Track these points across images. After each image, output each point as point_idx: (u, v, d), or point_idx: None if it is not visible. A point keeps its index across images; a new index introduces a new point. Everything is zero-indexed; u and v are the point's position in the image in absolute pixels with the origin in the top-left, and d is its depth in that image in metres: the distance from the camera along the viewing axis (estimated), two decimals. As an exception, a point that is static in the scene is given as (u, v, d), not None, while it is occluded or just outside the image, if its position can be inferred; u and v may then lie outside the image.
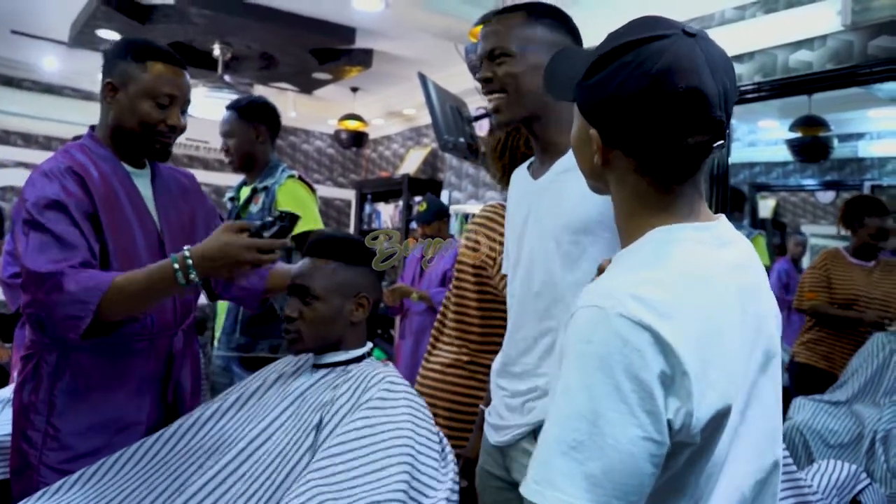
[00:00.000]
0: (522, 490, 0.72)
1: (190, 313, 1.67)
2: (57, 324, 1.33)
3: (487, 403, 1.50)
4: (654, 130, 0.79)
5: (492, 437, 1.40)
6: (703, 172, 0.85)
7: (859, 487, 2.11)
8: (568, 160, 1.27)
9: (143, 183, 1.59)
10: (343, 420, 1.26)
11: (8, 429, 1.57)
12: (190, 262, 1.33)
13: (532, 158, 1.45)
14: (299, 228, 2.39)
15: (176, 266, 1.33)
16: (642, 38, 0.79)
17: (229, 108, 2.54)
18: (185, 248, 1.36)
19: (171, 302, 1.57)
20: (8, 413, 1.70)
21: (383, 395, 1.28)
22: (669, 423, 0.70)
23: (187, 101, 1.57)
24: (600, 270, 0.99)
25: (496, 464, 1.39)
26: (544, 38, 1.31)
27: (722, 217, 0.88)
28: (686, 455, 0.74)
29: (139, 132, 1.52)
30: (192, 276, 1.34)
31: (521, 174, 1.46)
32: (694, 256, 0.80)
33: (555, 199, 1.29)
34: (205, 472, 1.30)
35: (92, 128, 1.59)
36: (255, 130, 2.50)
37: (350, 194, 7.09)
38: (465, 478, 1.53)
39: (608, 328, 0.71)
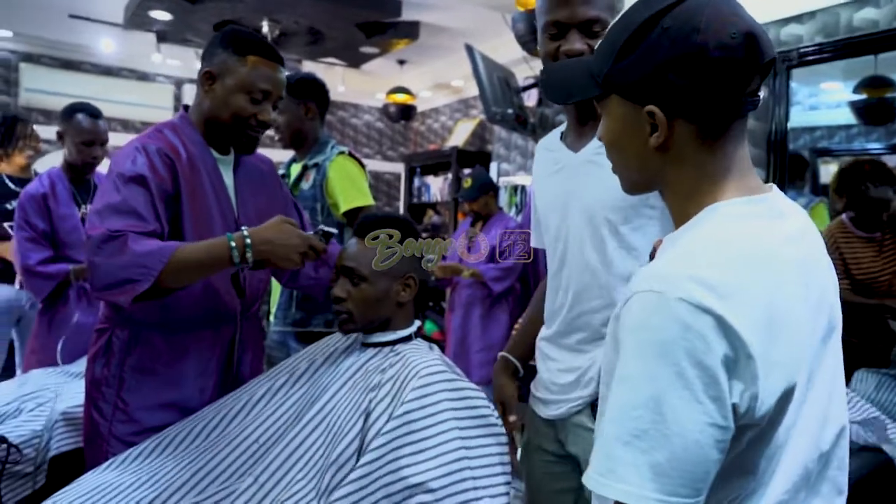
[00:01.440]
0: (585, 482, 0.72)
1: (256, 301, 1.70)
2: (110, 285, 1.32)
3: (513, 353, 1.51)
4: (718, 83, 0.75)
5: (542, 411, 1.40)
6: (746, 137, 0.82)
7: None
8: None
9: (225, 169, 1.62)
10: (384, 413, 1.26)
11: (80, 399, 1.66)
12: (248, 241, 1.35)
13: (563, 128, 1.42)
14: (351, 204, 2.43)
15: (232, 244, 1.34)
16: (669, 4, 0.76)
17: (279, 85, 2.55)
18: (244, 227, 1.38)
19: (237, 290, 1.60)
20: (80, 385, 1.78)
21: (422, 393, 1.27)
22: (734, 407, 0.68)
23: (280, 97, 1.58)
24: (653, 250, 0.97)
25: (547, 438, 1.39)
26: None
27: (774, 187, 0.85)
28: (749, 436, 0.72)
29: (230, 124, 1.53)
30: (249, 255, 1.35)
31: (553, 144, 1.43)
32: (752, 232, 0.77)
33: (600, 174, 1.26)
34: (267, 453, 1.33)
35: (185, 108, 1.62)
36: (305, 107, 2.51)
37: (399, 168, 7.13)
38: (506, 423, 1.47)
39: (667, 313, 0.69)
